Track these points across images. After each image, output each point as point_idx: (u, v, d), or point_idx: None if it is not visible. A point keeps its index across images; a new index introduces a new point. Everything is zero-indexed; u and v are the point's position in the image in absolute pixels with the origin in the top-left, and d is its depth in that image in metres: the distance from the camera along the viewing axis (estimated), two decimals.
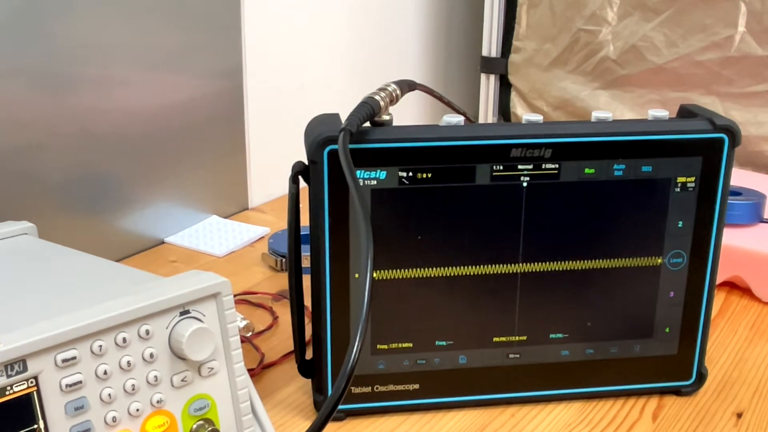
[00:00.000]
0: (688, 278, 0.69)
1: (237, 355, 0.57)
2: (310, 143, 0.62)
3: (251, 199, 1.19)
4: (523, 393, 0.70)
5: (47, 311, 0.50)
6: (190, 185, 1.07)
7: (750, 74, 1.22)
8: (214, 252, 1.02)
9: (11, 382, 0.46)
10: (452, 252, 0.66)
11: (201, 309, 0.55)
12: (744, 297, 0.92)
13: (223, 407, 0.57)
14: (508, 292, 0.67)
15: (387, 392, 0.69)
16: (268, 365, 0.77)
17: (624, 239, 0.67)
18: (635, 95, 1.34)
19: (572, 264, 0.67)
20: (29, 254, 0.68)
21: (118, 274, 0.64)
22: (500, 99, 1.51)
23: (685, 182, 0.66)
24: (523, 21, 1.42)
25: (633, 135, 0.64)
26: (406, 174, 0.63)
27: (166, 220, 1.05)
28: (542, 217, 0.66)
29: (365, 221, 0.56)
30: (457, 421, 0.69)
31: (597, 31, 1.33)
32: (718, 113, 0.66)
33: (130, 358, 0.51)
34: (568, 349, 0.70)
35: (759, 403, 0.72)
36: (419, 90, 0.73)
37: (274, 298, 0.90)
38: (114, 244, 0.98)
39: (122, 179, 0.98)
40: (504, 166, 0.64)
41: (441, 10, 1.55)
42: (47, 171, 0.88)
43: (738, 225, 0.94)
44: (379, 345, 0.67)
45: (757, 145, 1.24)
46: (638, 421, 0.69)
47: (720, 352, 0.81)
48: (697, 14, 1.23)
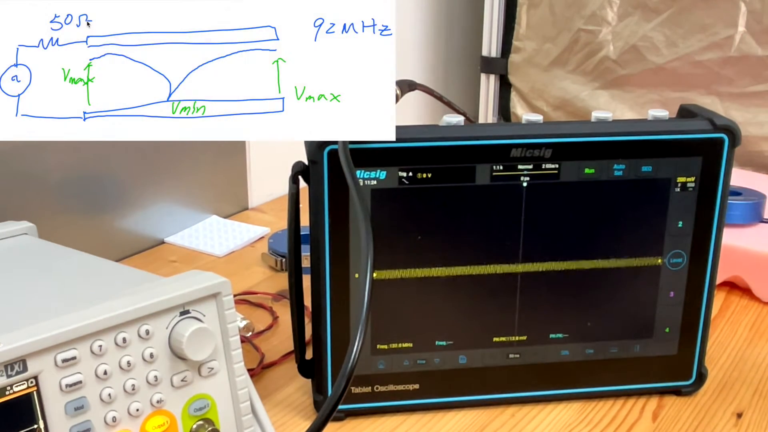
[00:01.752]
0: (688, 278, 0.69)
1: (237, 355, 0.57)
2: (310, 143, 0.62)
3: (251, 199, 1.19)
4: (523, 393, 0.70)
5: (47, 311, 0.50)
6: (190, 185, 1.07)
7: (750, 74, 1.22)
8: (214, 252, 1.02)
9: (11, 382, 0.46)
10: (452, 252, 0.66)
11: (201, 309, 0.55)
12: (744, 297, 0.92)
13: (223, 407, 0.57)
14: (508, 292, 0.67)
15: (387, 392, 0.69)
16: (268, 365, 0.77)
17: (624, 239, 0.67)
18: (635, 95, 1.34)
19: (572, 264, 0.67)
20: (29, 254, 0.68)
21: (118, 274, 0.64)
22: (500, 99, 1.51)
23: (685, 182, 0.66)
24: (523, 21, 1.42)
25: (633, 135, 0.64)
26: (406, 174, 0.63)
27: (166, 220, 1.05)
28: (542, 217, 0.66)
29: (365, 221, 0.56)
30: (457, 421, 0.69)
31: (597, 31, 1.33)
32: (718, 113, 0.66)
33: (130, 358, 0.51)
34: (568, 349, 0.70)
35: (759, 403, 0.72)
36: (419, 90, 0.73)
37: (274, 298, 0.90)
38: (114, 244, 0.98)
39: (122, 179, 0.98)
40: (504, 166, 0.64)
41: (441, 10, 1.55)
42: (47, 171, 0.88)
43: (738, 225, 0.94)
44: (379, 345, 0.67)
45: (757, 145, 1.24)
46: (638, 421, 0.69)
47: (720, 352, 0.81)
48: (697, 14, 1.23)
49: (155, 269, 0.94)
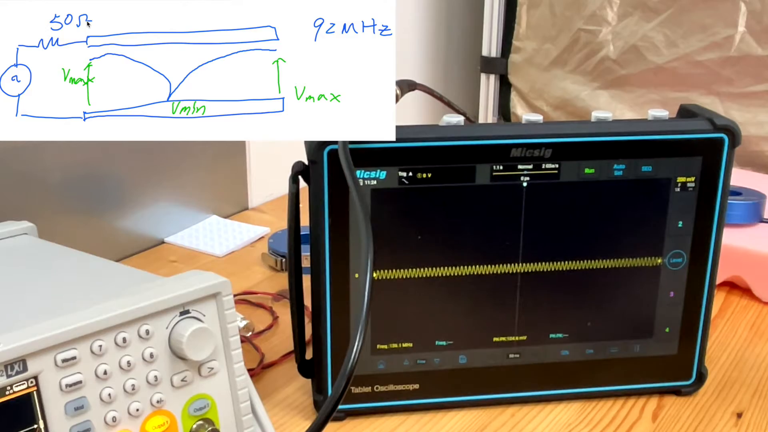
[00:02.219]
0: (688, 278, 0.69)
1: (237, 355, 0.57)
2: (310, 143, 0.62)
3: (251, 199, 1.19)
4: (523, 393, 0.70)
5: (47, 311, 0.50)
6: (190, 185, 1.07)
7: (750, 74, 1.22)
8: (214, 252, 1.02)
9: (11, 382, 0.46)
10: (452, 252, 0.66)
11: (201, 309, 0.55)
12: (744, 297, 0.92)
13: (223, 407, 0.57)
14: (508, 292, 0.67)
15: (387, 392, 0.69)
16: (268, 365, 0.77)
17: (624, 239, 0.67)
18: (635, 95, 1.34)
19: (572, 264, 0.67)
20: (29, 254, 0.68)
21: (118, 274, 0.64)
22: (500, 99, 1.51)
23: (685, 182, 0.66)
24: (523, 21, 1.42)
25: (633, 135, 0.64)
26: (406, 174, 0.63)
27: (166, 220, 1.05)
28: (542, 217, 0.66)
29: (365, 221, 0.56)
30: (457, 421, 0.69)
31: (597, 31, 1.33)
32: (718, 113, 0.66)
33: (130, 358, 0.51)
34: (568, 349, 0.70)
35: (759, 403, 0.72)
36: (419, 90, 0.74)
37: (274, 298, 0.90)
38: (114, 244, 0.98)
39: (122, 179, 0.98)
40: (504, 166, 0.64)
41: (441, 10, 1.55)
42: (47, 171, 0.88)
43: (738, 225, 0.94)
44: (379, 345, 0.67)
45: (757, 145, 1.24)
46: (638, 421, 0.69)
47: (720, 352, 0.81)
48: (697, 14, 1.23)
49: (155, 269, 0.94)
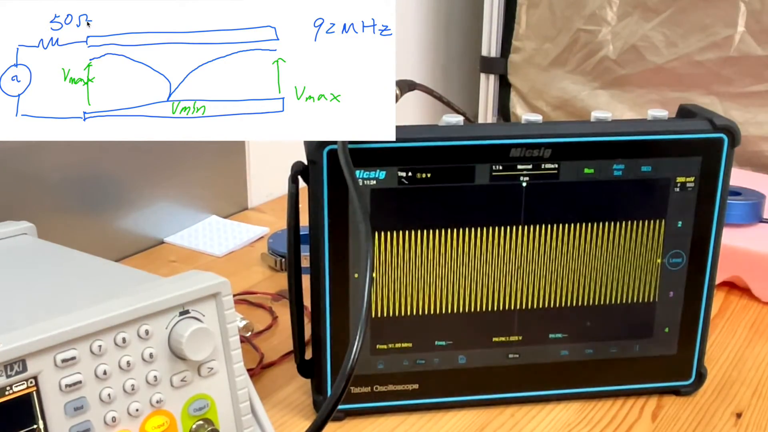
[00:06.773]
0: (688, 278, 0.69)
1: (236, 355, 0.57)
2: (310, 143, 0.62)
3: (251, 199, 1.19)
4: (523, 393, 0.70)
5: (47, 311, 0.50)
6: (190, 185, 1.07)
7: (750, 74, 1.22)
8: (214, 252, 1.02)
9: (11, 382, 0.47)
10: (452, 252, 0.66)
11: (200, 309, 0.55)
12: (743, 297, 0.92)
13: (223, 407, 0.57)
14: (507, 291, 0.67)
15: (386, 392, 0.69)
16: (267, 365, 0.77)
17: (623, 239, 0.67)
18: (635, 95, 1.34)
19: (572, 264, 0.67)
20: (29, 254, 0.68)
21: (118, 274, 0.64)
22: (500, 99, 1.51)
23: (685, 182, 0.66)
24: (523, 21, 1.42)
25: (632, 135, 0.64)
26: (405, 174, 0.63)
27: (166, 220, 1.05)
28: (542, 217, 0.66)
29: (365, 221, 0.56)
30: (456, 421, 0.69)
31: (597, 31, 1.33)
32: (717, 113, 0.66)
33: (129, 358, 0.51)
34: (568, 349, 0.70)
35: (758, 403, 0.72)
36: (419, 90, 0.74)
37: (273, 298, 0.90)
38: (114, 244, 0.98)
39: (122, 179, 0.98)
40: (503, 166, 0.64)
41: (441, 10, 1.55)
42: (47, 171, 0.88)
43: (738, 225, 0.94)
44: (379, 345, 0.67)
45: (757, 145, 1.24)
46: (638, 421, 0.69)
47: (719, 352, 0.81)
48: (697, 14, 1.23)
49: (155, 269, 0.94)
